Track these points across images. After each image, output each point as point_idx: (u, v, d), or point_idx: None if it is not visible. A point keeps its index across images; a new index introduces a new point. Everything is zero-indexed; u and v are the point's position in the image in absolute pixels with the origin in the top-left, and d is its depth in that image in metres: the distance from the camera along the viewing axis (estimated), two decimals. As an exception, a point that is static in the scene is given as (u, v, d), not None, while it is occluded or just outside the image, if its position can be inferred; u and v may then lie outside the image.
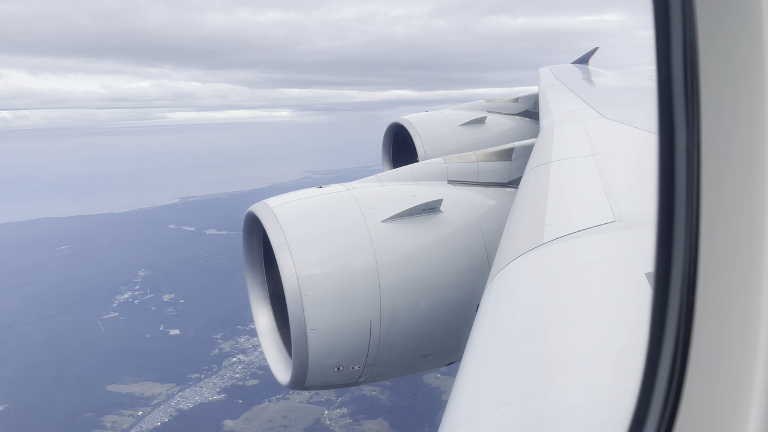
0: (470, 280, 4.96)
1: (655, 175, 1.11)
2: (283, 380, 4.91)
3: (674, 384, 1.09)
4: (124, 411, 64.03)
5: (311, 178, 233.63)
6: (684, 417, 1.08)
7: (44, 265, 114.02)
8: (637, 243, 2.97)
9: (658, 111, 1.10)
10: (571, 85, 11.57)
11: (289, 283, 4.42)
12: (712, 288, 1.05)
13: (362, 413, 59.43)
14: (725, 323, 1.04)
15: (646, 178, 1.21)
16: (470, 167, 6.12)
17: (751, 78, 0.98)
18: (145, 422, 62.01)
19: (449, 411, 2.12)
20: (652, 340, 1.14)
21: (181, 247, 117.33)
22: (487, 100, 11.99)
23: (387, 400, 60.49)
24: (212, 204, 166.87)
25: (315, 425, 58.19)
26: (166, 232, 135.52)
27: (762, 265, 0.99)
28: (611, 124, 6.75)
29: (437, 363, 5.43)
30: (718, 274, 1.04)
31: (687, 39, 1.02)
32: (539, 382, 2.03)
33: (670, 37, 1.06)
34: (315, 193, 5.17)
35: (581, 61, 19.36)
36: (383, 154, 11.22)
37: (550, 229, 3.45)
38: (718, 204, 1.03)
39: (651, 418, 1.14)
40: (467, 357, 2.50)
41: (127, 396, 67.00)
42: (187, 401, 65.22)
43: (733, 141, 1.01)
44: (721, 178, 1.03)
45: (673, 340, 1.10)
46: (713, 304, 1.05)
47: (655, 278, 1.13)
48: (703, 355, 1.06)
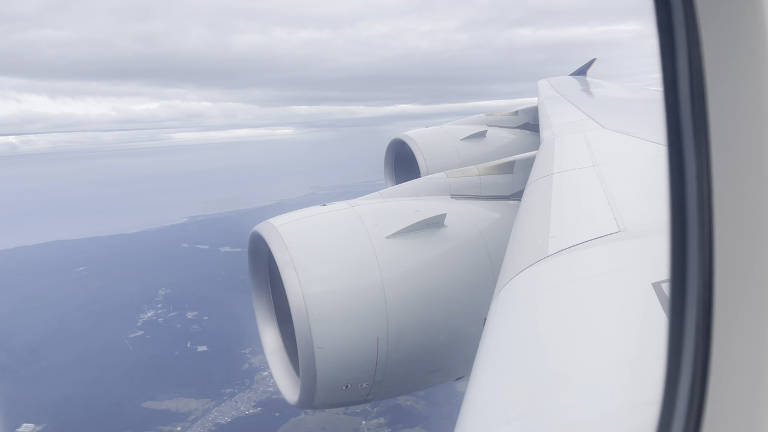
0: (476, 294, 4.95)
1: (665, 184, 1.11)
2: (292, 399, 4.89)
3: (696, 394, 1.08)
4: (162, 427, 64.25)
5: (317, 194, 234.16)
6: (710, 425, 1.07)
7: (63, 287, 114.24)
8: (643, 253, 2.96)
9: (665, 119, 1.10)
10: (570, 97, 11.62)
11: (295, 302, 4.42)
12: (730, 294, 1.04)
13: (399, 422, 59.82)
14: (744, 329, 1.03)
15: (649, 187, 1.21)
16: (472, 181, 6.13)
17: (757, 83, 0.99)
18: None
19: (460, 426, 2.11)
20: (672, 348, 1.13)
21: (198, 266, 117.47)
22: (487, 114, 12.05)
23: (423, 408, 60.82)
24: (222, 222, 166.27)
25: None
26: (181, 251, 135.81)
27: None
28: (611, 135, 6.77)
29: (446, 378, 5.39)
30: (734, 280, 1.04)
31: (691, 46, 1.03)
32: (551, 396, 2.02)
33: (675, 45, 1.06)
34: (319, 211, 5.18)
35: (579, 72, 19.47)
36: (385, 171, 11.26)
37: (554, 241, 3.45)
38: (731, 210, 1.03)
39: (675, 428, 1.13)
40: (476, 372, 2.49)
41: (164, 412, 67.16)
42: (224, 416, 65.60)
43: (742, 146, 1.01)
44: (732, 185, 1.03)
45: (693, 348, 1.09)
46: (731, 310, 1.05)
47: (671, 286, 1.13)
48: (724, 361, 1.05)
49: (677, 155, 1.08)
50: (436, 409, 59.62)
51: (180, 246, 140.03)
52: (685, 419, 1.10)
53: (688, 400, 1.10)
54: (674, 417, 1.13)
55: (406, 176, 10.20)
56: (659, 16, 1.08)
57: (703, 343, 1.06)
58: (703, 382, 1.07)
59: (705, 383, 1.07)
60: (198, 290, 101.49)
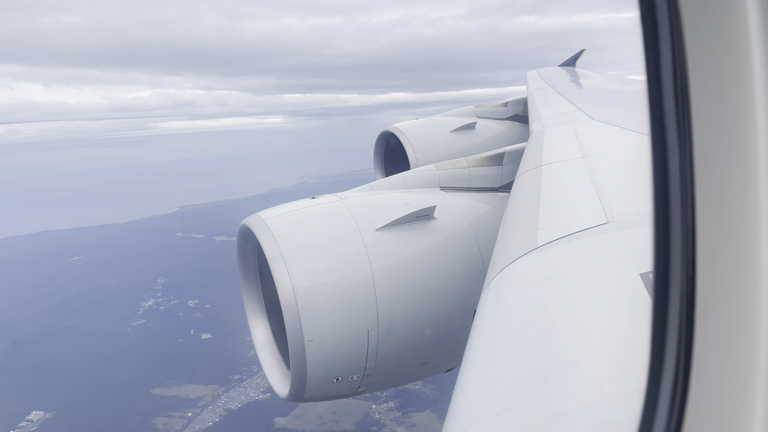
0: (466, 286, 4.96)
1: (649, 176, 1.12)
2: (282, 393, 4.88)
3: (680, 382, 1.09)
4: (173, 413, 65.00)
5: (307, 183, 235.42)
6: (692, 414, 1.09)
7: (59, 277, 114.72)
8: (631, 244, 2.98)
9: (648, 111, 1.11)
10: (560, 88, 11.65)
11: (285, 295, 4.41)
12: (712, 285, 1.05)
13: (409, 406, 60.72)
14: (726, 319, 1.05)
15: (637, 179, 1.22)
16: (462, 173, 6.14)
17: (738, 73, 1.00)
18: (197, 422, 62.97)
19: (450, 418, 2.11)
20: (655, 339, 1.15)
21: (194, 254, 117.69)
22: (477, 106, 12.05)
23: (431, 393, 61.74)
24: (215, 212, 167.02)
25: (365, 419, 59.55)
26: (175, 240, 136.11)
27: (759, 260, 1.00)
28: (600, 126, 6.80)
29: (436, 370, 5.42)
30: (716, 271, 1.05)
31: (674, 37, 1.04)
32: (540, 386, 2.03)
33: (659, 36, 1.07)
34: (308, 204, 5.16)
35: (568, 63, 19.51)
36: (375, 163, 11.24)
37: (543, 232, 3.46)
38: (713, 201, 1.04)
39: (659, 417, 1.14)
40: (466, 363, 2.49)
41: (173, 399, 67.89)
42: (234, 401, 66.11)
43: (725, 137, 1.02)
44: (714, 175, 1.04)
45: (676, 338, 1.10)
46: (713, 301, 1.06)
47: (655, 278, 1.14)
48: (707, 351, 1.07)
49: (660, 147, 1.08)
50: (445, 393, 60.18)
51: (174, 235, 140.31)
52: (669, 407, 1.11)
53: (671, 389, 1.11)
54: (658, 406, 1.14)
55: (395, 168, 10.19)
56: (642, 7, 1.09)
57: (686, 333, 1.08)
58: (686, 371, 1.08)
59: (688, 373, 1.08)
60: (197, 279, 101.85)
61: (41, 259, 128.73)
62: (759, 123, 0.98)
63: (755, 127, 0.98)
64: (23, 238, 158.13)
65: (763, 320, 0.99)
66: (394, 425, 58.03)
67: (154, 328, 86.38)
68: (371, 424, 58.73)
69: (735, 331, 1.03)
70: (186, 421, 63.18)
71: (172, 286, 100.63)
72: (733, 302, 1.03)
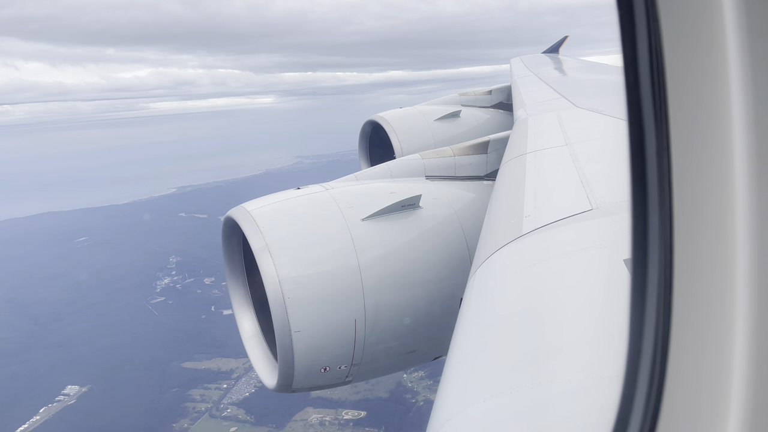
0: (452, 275, 4.98)
1: (627, 163, 1.13)
2: (270, 384, 4.89)
3: (657, 368, 1.11)
4: (208, 385, 65.92)
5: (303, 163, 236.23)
6: (669, 400, 1.10)
7: (69, 257, 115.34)
8: (614, 230, 3.01)
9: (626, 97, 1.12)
10: (543, 76, 11.67)
11: (271, 286, 4.40)
12: (689, 270, 1.07)
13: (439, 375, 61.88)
14: (703, 305, 1.06)
15: (620, 165, 1.23)
16: (447, 162, 6.14)
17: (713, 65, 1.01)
18: (233, 393, 63.68)
19: (438, 406, 2.13)
20: (634, 324, 1.17)
21: (202, 233, 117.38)
22: (461, 93, 12.05)
23: None
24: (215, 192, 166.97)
25: (398, 388, 60.94)
26: (180, 220, 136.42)
27: (734, 245, 1.01)
28: (583, 113, 6.83)
29: (423, 358, 5.45)
30: (693, 256, 1.07)
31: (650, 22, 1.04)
32: (526, 373, 2.05)
33: (635, 28, 1.08)
34: (293, 195, 5.14)
35: (552, 50, 19.58)
36: (360, 152, 11.21)
37: (529, 220, 3.48)
38: (689, 186, 1.06)
39: (637, 402, 1.16)
40: (453, 351, 2.51)
41: (206, 371, 68.74)
42: None
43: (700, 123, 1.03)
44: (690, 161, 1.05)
45: (654, 323, 1.12)
46: (690, 286, 1.07)
47: (633, 264, 1.15)
48: (684, 336, 1.08)
49: (637, 133, 1.10)
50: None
51: (177, 215, 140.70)
52: (647, 391, 1.13)
53: (649, 373, 1.13)
54: (636, 390, 1.16)
55: (380, 158, 10.17)
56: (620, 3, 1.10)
57: (664, 318, 1.09)
58: (664, 356, 1.10)
59: (665, 357, 1.10)
60: (209, 257, 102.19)
61: (47, 240, 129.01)
62: (733, 108, 0.99)
63: (730, 113, 0.99)
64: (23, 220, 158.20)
65: (739, 304, 1.01)
66: (427, 393, 58.98)
67: (174, 305, 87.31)
68: (404, 392, 60.21)
69: (711, 316, 1.05)
70: (222, 393, 64.20)
71: (185, 265, 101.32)
72: (710, 287, 1.05)
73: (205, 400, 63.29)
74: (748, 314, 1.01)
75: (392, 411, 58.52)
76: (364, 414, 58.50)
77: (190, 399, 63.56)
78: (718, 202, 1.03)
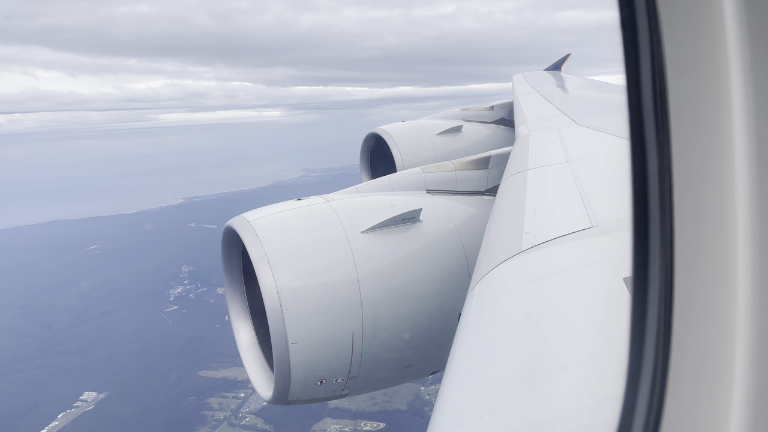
0: (451, 289, 4.97)
1: (628, 181, 1.13)
2: (266, 395, 4.85)
3: (657, 387, 1.11)
4: (225, 393, 65.99)
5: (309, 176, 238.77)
6: (669, 419, 1.10)
7: (81, 264, 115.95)
8: (614, 248, 3.00)
9: (628, 116, 1.12)
10: (545, 93, 11.73)
11: (269, 297, 4.38)
12: (689, 290, 1.07)
13: None
14: (704, 325, 1.06)
15: (621, 183, 1.23)
16: (448, 176, 6.15)
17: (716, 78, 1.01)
18: (251, 402, 63.51)
19: (434, 422, 2.11)
20: (633, 344, 1.16)
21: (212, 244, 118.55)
22: (463, 109, 12.11)
23: None
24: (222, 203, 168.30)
25: (416, 400, 61.11)
26: (189, 230, 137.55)
27: (735, 266, 1.01)
28: (585, 131, 6.85)
29: (421, 373, 5.42)
30: (693, 276, 1.06)
31: (653, 43, 1.05)
32: (524, 391, 2.04)
33: (638, 42, 1.08)
34: (293, 206, 5.14)
35: (554, 67, 19.67)
36: (361, 165, 11.24)
37: (528, 236, 3.48)
38: (691, 205, 1.05)
39: (637, 421, 1.15)
40: (450, 367, 2.50)
41: (222, 380, 68.71)
42: None
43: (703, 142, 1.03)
44: (692, 180, 1.05)
45: (654, 343, 1.11)
46: (691, 306, 1.07)
47: (633, 283, 1.15)
48: (684, 357, 1.08)
49: (639, 152, 1.10)
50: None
51: (186, 225, 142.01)
52: (646, 412, 1.12)
53: (649, 393, 1.12)
54: (636, 410, 1.15)
55: (382, 171, 10.19)
56: (622, 13, 1.10)
57: (664, 338, 1.09)
58: (664, 376, 1.09)
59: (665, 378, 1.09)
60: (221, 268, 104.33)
61: (58, 247, 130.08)
62: (735, 129, 0.99)
63: (732, 133, 0.99)
64: (34, 227, 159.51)
65: (740, 327, 1.00)
66: (444, 405, 60.59)
67: (188, 315, 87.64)
68: (423, 405, 60.11)
69: (712, 339, 1.04)
70: (240, 401, 64.26)
71: (197, 274, 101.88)
72: (711, 308, 1.04)
73: (224, 409, 63.47)
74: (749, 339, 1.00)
75: (411, 423, 58.43)
76: (383, 426, 58.64)
77: (208, 407, 63.77)
78: (719, 225, 1.02)
